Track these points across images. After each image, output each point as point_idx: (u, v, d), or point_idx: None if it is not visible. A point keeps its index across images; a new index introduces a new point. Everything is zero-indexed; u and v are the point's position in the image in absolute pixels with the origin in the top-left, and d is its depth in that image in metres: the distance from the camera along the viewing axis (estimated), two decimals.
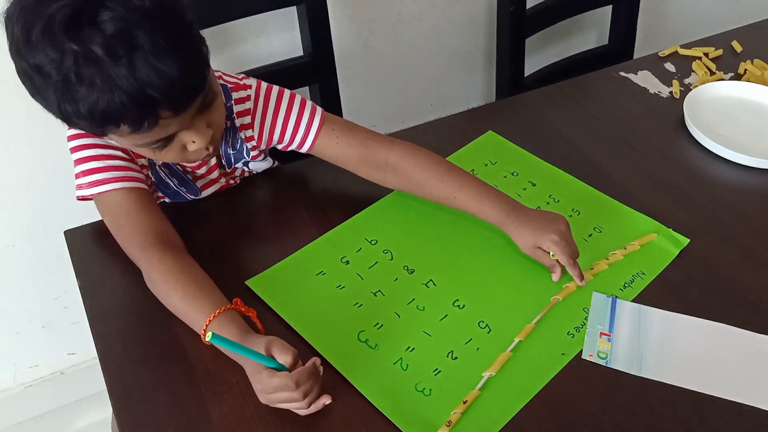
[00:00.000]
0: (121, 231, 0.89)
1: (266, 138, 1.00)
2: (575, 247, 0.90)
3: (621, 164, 1.10)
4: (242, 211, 1.02)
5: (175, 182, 0.99)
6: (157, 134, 0.80)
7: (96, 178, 0.89)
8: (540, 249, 0.90)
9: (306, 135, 0.99)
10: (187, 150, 0.85)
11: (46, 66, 0.73)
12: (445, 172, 0.96)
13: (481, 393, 0.80)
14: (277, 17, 1.35)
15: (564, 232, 0.90)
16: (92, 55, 0.71)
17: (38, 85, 0.76)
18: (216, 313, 0.79)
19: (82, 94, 0.73)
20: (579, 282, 0.90)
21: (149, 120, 0.76)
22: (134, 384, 0.81)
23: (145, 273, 0.87)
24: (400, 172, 0.97)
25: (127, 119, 0.75)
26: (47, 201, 1.37)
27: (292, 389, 0.74)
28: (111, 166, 0.89)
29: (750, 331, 0.86)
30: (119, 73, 0.72)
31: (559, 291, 0.91)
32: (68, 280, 1.00)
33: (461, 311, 0.89)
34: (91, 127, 0.79)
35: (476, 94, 1.76)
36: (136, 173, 0.92)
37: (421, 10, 1.53)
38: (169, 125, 0.79)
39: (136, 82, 0.72)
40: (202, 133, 0.83)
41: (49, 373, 1.61)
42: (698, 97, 1.20)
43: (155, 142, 0.82)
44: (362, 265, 0.94)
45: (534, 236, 0.90)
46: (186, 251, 0.89)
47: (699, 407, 0.79)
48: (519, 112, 1.21)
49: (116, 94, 0.73)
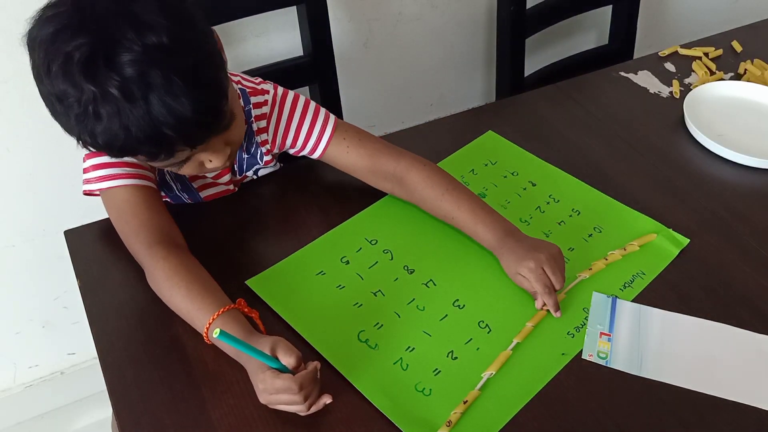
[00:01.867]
0: (127, 227, 0.90)
1: (279, 142, 1.01)
2: (559, 276, 0.88)
3: (621, 164, 1.10)
4: (242, 211, 1.02)
5: (179, 186, 1.00)
6: (174, 160, 0.81)
7: (107, 173, 0.90)
8: (520, 275, 0.89)
9: (318, 142, 1.00)
10: (205, 167, 0.86)
11: (67, 98, 0.74)
12: (445, 191, 0.96)
13: (481, 393, 0.80)
14: (277, 17, 1.35)
15: (543, 260, 0.88)
16: (109, 97, 0.72)
17: (59, 112, 0.77)
18: (219, 312, 0.80)
19: (100, 130, 0.75)
20: (554, 313, 0.88)
21: (165, 153, 0.78)
22: (134, 384, 0.81)
23: (148, 271, 0.87)
24: (405, 185, 0.98)
25: (143, 153, 0.78)
26: (47, 201, 1.37)
27: (294, 392, 0.74)
28: (123, 162, 0.90)
29: (750, 331, 0.86)
30: (135, 113, 0.73)
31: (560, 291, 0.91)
32: (68, 280, 1.00)
33: (461, 311, 0.89)
34: (110, 155, 0.82)
35: (476, 94, 1.76)
36: (146, 171, 0.92)
37: (421, 10, 1.53)
38: (185, 152, 0.81)
39: (152, 121, 0.73)
40: (219, 153, 0.84)
41: (49, 373, 1.61)
42: (698, 97, 1.20)
43: (172, 165, 0.84)
44: (362, 265, 0.94)
45: (515, 262, 0.89)
46: (189, 251, 0.89)
47: (699, 407, 0.79)
48: (519, 112, 1.21)
49: (132, 132, 0.74)
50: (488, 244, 0.93)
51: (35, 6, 1.14)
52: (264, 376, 0.75)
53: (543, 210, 1.02)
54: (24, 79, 1.22)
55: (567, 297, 0.90)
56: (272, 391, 0.75)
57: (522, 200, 1.03)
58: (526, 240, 0.92)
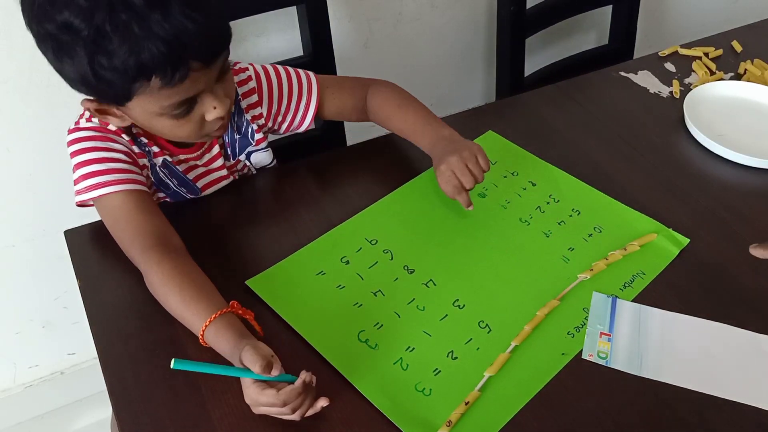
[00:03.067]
0: (122, 234, 0.89)
1: (274, 110, 1.04)
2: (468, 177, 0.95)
3: (621, 164, 1.10)
4: (242, 211, 1.02)
5: (175, 183, 1.00)
6: (184, 91, 0.81)
7: (96, 181, 0.89)
8: (440, 172, 0.96)
9: (308, 102, 1.05)
10: (206, 122, 0.87)
11: (74, 21, 0.73)
12: (398, 106, 1.05)
13: (481, 393, 0.80)
14: (277, 17, 1.35)
15: (464, 156, 0.95)
16: (127, 1, 0.73)
17: (65, 45, 0.76)
18: (212, 317, 0.79)
19: (116, 44, 0.74)
20: (465, 207, 0.96)
21: (181, 71, 0.78)
22: (134, 384, 0.81)
23: (145, 276, 0.87)
24: (371, 111, 1.07)
25: (160, 70, 0.77)
26: (47, 201, 1.37)
27: (279, 407, 0.73)
28: (112, 168, 0.90)
29: (750, 331, 0.86)
30: (154, 18, 0.74)
31: (560, 292, 0.91)
32: (68, 280, 1.00)
33: (461, 311, 0.89)
34: (123, 83, 0.78)
35: (476, 94, 1.76)
36: (136, 175, 0.92)
37: (421, 10, 1.53)
38: (196, 81, 0.81)
39: (171, 28, 0.74)
40: (222, 100, 0.86)
41: (49, 373, 1.62)
42: (698, 97, 1.20)
43: (180, 105, 0.83)
44: (362, 264, 0.94)
45: (439, 159, 0.97)
46: (187, 253, 0.89)
47: (699, 407, 0.79)
48: (519, 112, 1.21)
49: (151, 41, 0.74)
50: (426, 147, 1.02)
51: None
52: (248, 391, 0.74)
53: (543, 210, 1.02)
54: (24, 79, 1.22)
55: (567, 297, 0.90)
56: (257, 405, 0.75)
57: (522, 200, 1.03)
58: (455, 142, 0.99)
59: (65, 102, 1.28)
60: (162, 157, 0.96)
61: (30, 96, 1.25)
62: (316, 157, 1.11)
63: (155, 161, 0.96)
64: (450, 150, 0.97)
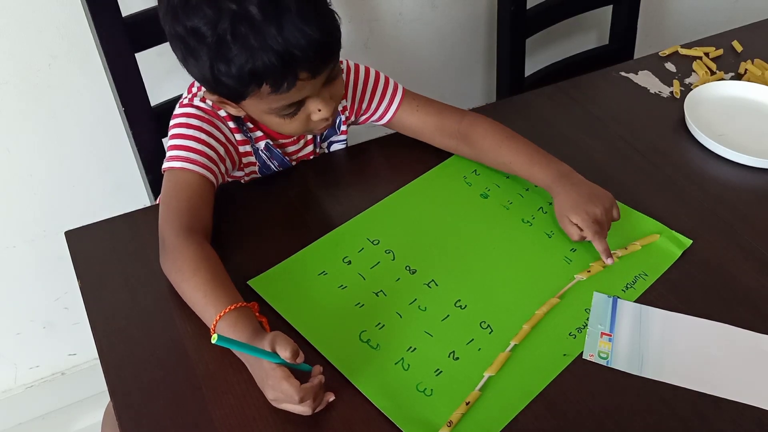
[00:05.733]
0: (171, 207, 0.91)
1: (357, 107, 1.08)
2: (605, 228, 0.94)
3: (622, 164, 1.10)
4: (243, 212, 1.02)
5: (275, 164, 1.06)
6: (292, 97, 0.87)
7: (184, 155, 0.93)
8: (568, 219, 0.94)
9: (391, 102, 1.08)
10: (311, 120, 0.92)
11: (202, 28, 0.82)
12: (504, 139, 1.04)
13: (482, 393, 0.80)
14: None
15: (597, 213, 0.93)
16: (248, 15, 0.80)
17: (192, 48, 0.84)
18: (230, 307, 0.80)
19: (235, 53, 0.82)
20: (605, 260, 0.93)
21: (289, 80, 0.84)
22: (135, 384, 0.81)
23: (172, 253, 0.87)
24: (469, 140, 1.06)
25: (270, 78, 0.84)
26: (47, 201, 1.37)
27: (295, 402, 0.74)
28: (203, 151, 0.94)
29: (750, 331, 0.86)
30: (270, 32, 0.81)
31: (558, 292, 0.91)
32: (69, 280, 1.00)
33: (463, 311, 0.89)
34: (237, 87, 0.85)
35: (476, 94, 1.76)
36: (218, 168, 0.96)
37: (421, 10, 1.53)
38: (303, 88, 0.87)
39: (284, 41, 0.81)
40: (328, 103, 0.91)
41: (50, 373, 1.62)
42: (699, 97, 1.20)
43: (288, 107, 0.89)
44: (364, 265, 0.94)
45: (569, 207, 0.95)
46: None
47: (699, 407, 0.79)
48: (519, 112, 1.21)
49: (265, 53, 0.81)
50: (544, 183, 1.00)
51: (35, 7, 1.15)
52: (274, 373, 0.75)
53: (545, 210, 1.02)
54: (24, 80, 1.22)
55: (569, 298, 0.90)
56: (277, 390, 0.75)
57: (524, 200, 1.03)
58: (582, 185, 0.97)
59: (65, 102, 1.28)
60: (264, 141, 1.02)
61: (30, 96, 1.25)
62: (317, 157, 1.11)
63: (258, 145, 1.02)
64: (584, 199, 0.94)
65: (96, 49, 1.10)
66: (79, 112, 1.30)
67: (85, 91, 1.28)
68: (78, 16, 1.15)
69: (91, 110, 1.30)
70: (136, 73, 1.12)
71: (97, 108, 1.30)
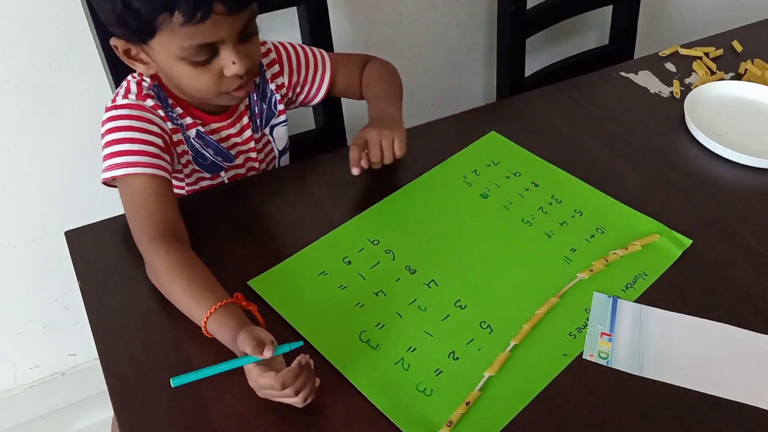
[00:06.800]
0: (135, 217, 0.91)
1: (294, 81, 1.10)
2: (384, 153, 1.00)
3: (621, 164, 1.10)
4: (243, 212, 1.02)
5: (211, 152, 1.04)
6: (205, 35, 0.85)
7: (125, 160, 0.91)
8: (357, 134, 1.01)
9: (323, 74, 1.12)
10: (225, 76, 0.90)
11: None
12: (375, 78, 1.13)
13: (482, 393, 0.80)
14: (277, 17, 1.35)
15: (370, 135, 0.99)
16: None
17: None
18: (216, 306, 0.80)
19: None
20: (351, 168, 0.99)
21: (203, 10, 0.82)
22: (135, 385, 0.81)
23: (149, 262, 0.87)
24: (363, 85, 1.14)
25: (183, 5, 0.81)
26: (47, 201, 1.37)
27: (278, 389, 0.74)
28: (143, 150, 0.92)
29: (750, 331, 0.86)
30: None
31: (558, 292, 0.91)
32: (69, 280, 1.00)
33: (463, 311, 0.89)
34: (149, 13, 0.83)
35: (477, 94, 1.76)
36: (164, 162, 0.94)
37: (421, 10, 1.53)
38: (218, 26, 0.85)
39: None
40: (242, 58, 0.89)
41: (50, 374, 1.62)
42: (699, 97, 1.20)
43: (200, 49, 0.86)
44: (364, 265, 0.94)
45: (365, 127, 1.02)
46: (191, 248, 0.90)
47: (699, 407, 0.79)
48: (519, 112, 1.21)
49: None
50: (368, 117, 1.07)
51: (35, 7, 1.15)
52: (250, 374, 0.76)
53: (545, 210, 1.02)
54: (24, 80, 1.23)
55: (569, 298, 0.90)
56: (258, 387, 0.76)
57: (524, 200, 1.03)
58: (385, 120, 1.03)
59: (65, 102, 1.28)
60: (195, 129, 1.00)
61: (30, 96, 1.25)
62: (316, 157, 1.11)
63: (189, 133, 1.00)
64: (377, 123, 1.02)
65: (96, 49, 1.10)
66: (79, 112, 1.30)
67: (85, 91, 1.28)
68: (78, 16, 1.15)
69: (91, 110, 1.30)
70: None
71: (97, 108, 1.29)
